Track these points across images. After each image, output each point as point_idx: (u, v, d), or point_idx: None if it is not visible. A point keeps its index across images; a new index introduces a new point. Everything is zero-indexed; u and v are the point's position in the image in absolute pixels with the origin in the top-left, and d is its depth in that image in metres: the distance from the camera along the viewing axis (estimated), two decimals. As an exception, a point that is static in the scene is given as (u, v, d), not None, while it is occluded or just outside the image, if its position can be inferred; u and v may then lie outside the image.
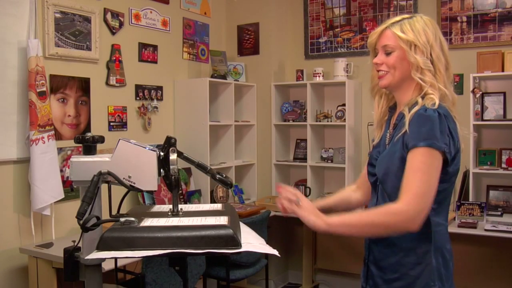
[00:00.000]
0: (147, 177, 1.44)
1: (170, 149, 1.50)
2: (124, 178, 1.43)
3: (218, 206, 1.72)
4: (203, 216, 1.49)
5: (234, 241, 1.32)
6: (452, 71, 1.76)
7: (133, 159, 1.43)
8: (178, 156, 1.52)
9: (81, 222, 1.30)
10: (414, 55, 1.66)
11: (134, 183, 1.44)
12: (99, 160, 1.42)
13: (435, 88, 1.66)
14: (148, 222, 1.41)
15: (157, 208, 1.69)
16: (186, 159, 1.61)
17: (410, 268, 1.64)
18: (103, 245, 1.30)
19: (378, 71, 1.76)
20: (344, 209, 1.93)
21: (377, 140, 1.85)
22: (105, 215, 1.46)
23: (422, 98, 1.65)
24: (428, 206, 1.54)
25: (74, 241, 1.46)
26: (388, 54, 1.72)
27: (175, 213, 1.51)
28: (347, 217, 1.60)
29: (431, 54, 1.68)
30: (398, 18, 1.74)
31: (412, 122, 1.60)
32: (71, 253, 1.45)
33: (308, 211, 1.59)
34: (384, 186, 1.71)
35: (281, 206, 1.67)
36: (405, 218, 1.51)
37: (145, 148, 1.45)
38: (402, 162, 1.61)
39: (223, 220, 1.43)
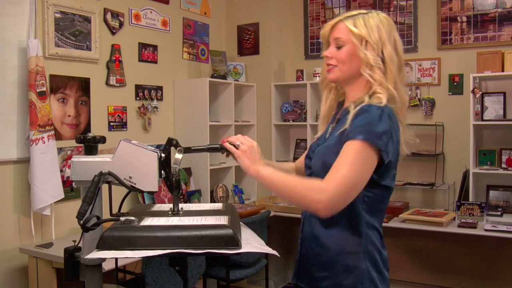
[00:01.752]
0: (148, 178, 1.44)
1: (177, 149, 1.50)
2: (124, 179, 1.43)
3: (218, 206, 1.72)
4: (203, 215, 1.49)
5: (234, 241, 1.32)
6: (405, 73, 1.72)
7: (134, 160, 1.43)
8: (187, 152, 1.53)
9: (81, 222, 1.30)
10: (365, 51, 1.63)
11: (134, 184, 1.44)
12: (100, 161, 1.42)
13: (383, 88, 1.61)
14: (148, 221, 1.41)
15: (157, 207, 1.69)
16: (196, 150, 1.62)
17: (339, 269, 1.62)
18: (103, 244, 1.30)
19: (327, 64, 1.73)
20: None
21: (319, 133, 1.84)
22: (105, 215, 1.46)
23: (370, 96, 1.62)
24: (349, 196, 1.50)
25: (74, 241, 1.46)
26: (339, 47, 1.68)
27: (175, 213, 1.51)
28: (278, 174, 1.59)
29: (382, 52, 1.63)
30: (354, 12, 1.71)
31: (354, 117, 1.57)
32: (71, 253, 1.45)
33: (246, 155, 1.62)
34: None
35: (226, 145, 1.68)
36: (321, 198, 1.47)
37: (146, 149, 1.45)
38: (336, 157, 1.57)
39: (223, 220, 1.43)
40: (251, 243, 1.46)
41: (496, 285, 4.12)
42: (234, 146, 1.65)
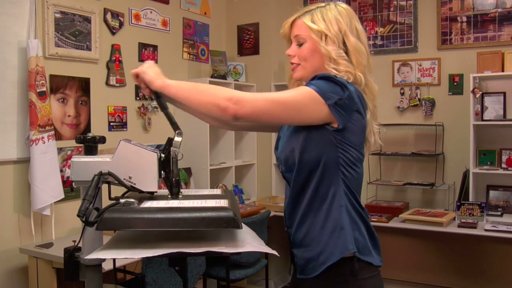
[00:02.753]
0: (148, 178, 1.43)
1: (176, 132, 1.49)
2: (124, 179, 1.43)
3: (217, 191, 1.71)
4: (203, 199, 1.49)
5: (235, 222, 1.31)
6: (372, 62, 1.71)
7: (133, 160, 1.43)
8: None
9: (84, 218, 1.30)
10: (325, 46, 1.61)
11: (134, 184, 1.43)
12: (100, 161, 1.42)
13: (351, 75, 1.60)
14: (148, 203, 1.40)
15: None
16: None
17: (329, 238, 1.58)
18: (103, 226, 1.29)
19: (290, 63, 1.72)
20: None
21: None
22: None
23: None
24: (263, 110, 1.48)
25: (74, 241, 1.46)
26: (300, 45, 1.68)
27: (175, 195, 1.50)
28: (186, 82, 1.59)
29: (344, 44, 1.62)
30: (312, 7, 1.69)
31: (310, 79, 1.59)
32: (71, 253, 1.45)
33: (149, 69, 1.61)
34: (286, 167, 1.66)
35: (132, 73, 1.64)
36: (233, 95, 1.47)
37: (146, 149, 1.45)
38: (304, 139, 1.57)
39: (223, 202, 1.42)
40: (251, 243, 1.46)
41: (496, 285, 4.12)
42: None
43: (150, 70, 1.60)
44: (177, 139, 1.48)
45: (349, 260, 1.58)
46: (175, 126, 1.50)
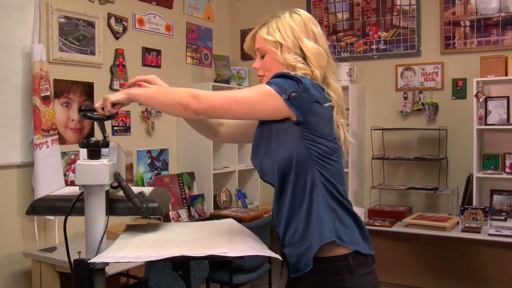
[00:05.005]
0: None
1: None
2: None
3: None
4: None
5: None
6: (334, 63, 1.75)
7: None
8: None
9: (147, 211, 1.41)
10: (282, 55, 1.68)
11: None
12: (106, 164, 1.42)
13: (308, 72, 1.65)
14: None
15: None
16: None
17: (307, 229, 1.60)
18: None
19: (258, 75, 1.79)
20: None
21: None
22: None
23: None
24: (222, 107, 1.55)
25: (79, 252, 1.46)
26: (262, 57, 1.75)
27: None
28: (150, 88, 1.66)
29: (301, 49, 1.67)
30: (268, 18, 1.78)
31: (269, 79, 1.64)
32: (81, 263, 1.43)
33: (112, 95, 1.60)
34: (262, 171, 1.71)
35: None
36: (196, 93, 1.52)
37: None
38: (270, 132, 1.63)
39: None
40: (254, 247, 1.46)
41: (500, 290, 4.11)
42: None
43: (115, 95, 1.60)
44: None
45: (344, 257, 1.59)
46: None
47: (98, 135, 3.71)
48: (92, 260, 1.33)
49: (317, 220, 1.59)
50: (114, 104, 1.58)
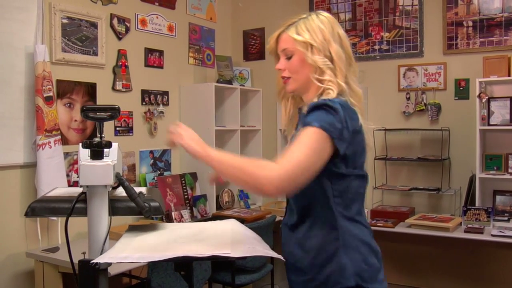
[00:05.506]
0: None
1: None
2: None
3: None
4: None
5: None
6: (356, 66, 1.73)
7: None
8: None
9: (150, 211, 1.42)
10: (312, 57, 1.64)
11: None
12: (110, 164, 1.42)
13: (334, 84, 1.62)
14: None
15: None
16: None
17: (321, 268, 1.60)
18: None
19: (282, 77, 1.74)
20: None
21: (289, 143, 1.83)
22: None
23: (320, 95, 1.64)
24: (297, 179, 1.47)
25: (84, 253, 1.46)
26: (288, 58, 1.70)
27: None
28: (227, 155, 1.55)
29: (329, 52, 1.65)
30: (294, 19, 1.73)
31: (307, 114, 1.58)
32: (86, 264, 1.43)
33: (189, 138, 1.58)
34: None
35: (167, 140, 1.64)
36: (268, 174, 1.44)
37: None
38: None
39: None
40: (257, 247, 1.46)
41: (503, 290, 4.10)
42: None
43: (189, 139, 1.59)
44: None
45: None
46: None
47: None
48: (95, 261, 1.33)
49: (332, 263, 1.60)
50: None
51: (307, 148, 1.49)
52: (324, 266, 1.60)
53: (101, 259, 1.33)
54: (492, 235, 3.60)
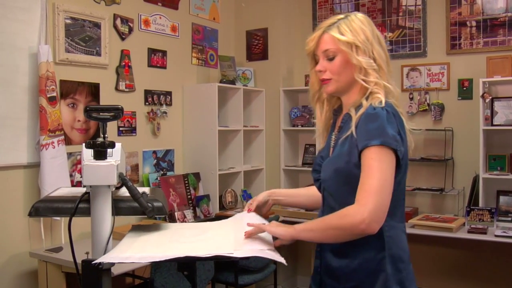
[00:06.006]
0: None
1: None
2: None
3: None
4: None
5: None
6: (391, 66, 1.71)
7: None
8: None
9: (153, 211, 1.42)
10: (357, 57, 1.61)
11: None
12: (113, 164, 1.42)
13: (380, 86, 1.61)
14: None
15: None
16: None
17: (366, 276, 1.59)
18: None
19: (321, 79, 1.70)
20: (310, 207, 1.93)
21: (322, 145, 1.82)
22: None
23: (367, 99, 1.61)
24: (385, 204, 1.48)
25: (87, 253, 1.47)
26: (330, 59, 1.66)
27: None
28: (310, 222, 1.58)
29: (372, 52, 1.63)
30: (333, 19, 1.69)
31: (360, 122, 1.55)
32: (90, 264, 1.43)
33: (275, 225, 1.59)
34: (330, 191, 1.67)
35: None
36: (360, 219, 1.44)
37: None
38: (348, 164, 1.57)
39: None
40: (260, 248, 1.46)
41: (506, 291, 4.09)
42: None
43: (276, 227, 1.58)
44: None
45: None
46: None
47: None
48: (97, 260, 1.34)
49: (378, 271, 1.60)
50: None
51: (377, 171, 1.48)
52: (369, 274, 1.59)
53: (104, 259, 1.33)
54: (496, 236, 3.59)
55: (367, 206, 1.44)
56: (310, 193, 1.95)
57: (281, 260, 1.43)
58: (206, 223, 1.81)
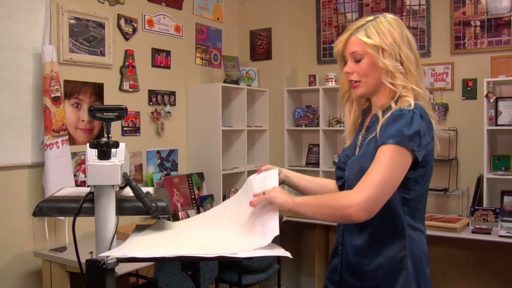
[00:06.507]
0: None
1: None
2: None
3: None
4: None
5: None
6: (421, 68, 1.72)
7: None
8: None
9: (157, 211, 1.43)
10: (383, 60, 1.62)
11: None
12: (117, 164, 1.43)
13: (408, 90, 1.62)
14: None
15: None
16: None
17: (387, 274, 1.61)
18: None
19: (350, 80, 1.72)
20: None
21: (348, 144, 1.83)
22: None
23: (396, 102, 1.62)
24: (380, 198, 1.49)
25: (91, 253, 1.47)
26: (357, 61, 1.68)
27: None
28: (308, 197, 1.62)
29: (400, 55, 1.63)
30: (362, 21, 1.70)
31: (384, 123, 1.58)
32: (94, 263, 1.44)
33: (278, 191, 1.61)
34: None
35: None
36: (350, 203, 1.47)
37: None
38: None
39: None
40: (263, 247, 1.46)
41: (511, 291, 4.08)
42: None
43: (279, 194, 1.61)
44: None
45: None
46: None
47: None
48: (103, 254, 1.34)
49: (399, 270, 1.62)
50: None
51: (384, 166, 1.50)
52: (390, 273, 1.61)
53: (109, 253, 1.34)
54: (500, 236, 3.58)
55: (362, 194, 1.47)
56: (323, 184, 1.98)
57: (287, 254, 1.43)
58: (210, 212, 1.81)
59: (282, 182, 1.86)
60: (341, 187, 1.77)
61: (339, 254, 1.76)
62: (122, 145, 1.50)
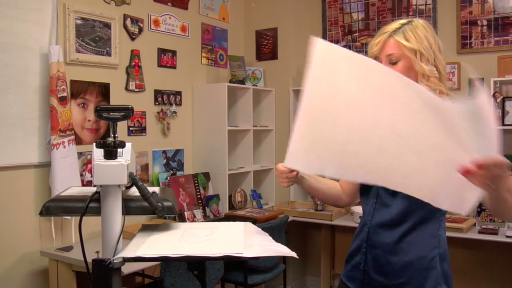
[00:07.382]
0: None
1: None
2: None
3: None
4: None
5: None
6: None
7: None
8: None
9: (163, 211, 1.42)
10: (420, 63, 1.64)
11: None
12: (123, 164, 1.43)
13: (443, 94, 1.64)
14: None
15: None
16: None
17: (417, 273, 1.63)
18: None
19: None
20: (325, 199, 1.97)
21: None
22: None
23: None
24: None
25: (97, 252, 1.47)
26: (393, 63, 1.68)
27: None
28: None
29: (434, 60, 1.67)
30: (397, 25, 1.71)
31: None
32: (100, 263, 1.44)
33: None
34: (387, 190, 1.67)
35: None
36: None
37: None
38: None
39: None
40: (269, 247, 1.46)
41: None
42: None
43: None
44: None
45: None
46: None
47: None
48: (111, 258, 1.35)
49: (430, 269, 1.64)
50: None
51: None
52: (420, 271, 1.63)
53: (115, 258, 1.34)
54: (507, 236, 3.57)
55: None
56: (332, 185, 1.99)
57: (293, 254, 1.43)
58: (216, 223, 1.81)
59: (296, 183, 1.86)
60: (368, 187, 1.77)
61: (363, 251, 1.77)
62: (128, 145, 1.50)
